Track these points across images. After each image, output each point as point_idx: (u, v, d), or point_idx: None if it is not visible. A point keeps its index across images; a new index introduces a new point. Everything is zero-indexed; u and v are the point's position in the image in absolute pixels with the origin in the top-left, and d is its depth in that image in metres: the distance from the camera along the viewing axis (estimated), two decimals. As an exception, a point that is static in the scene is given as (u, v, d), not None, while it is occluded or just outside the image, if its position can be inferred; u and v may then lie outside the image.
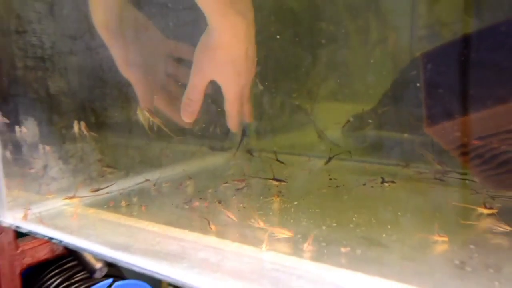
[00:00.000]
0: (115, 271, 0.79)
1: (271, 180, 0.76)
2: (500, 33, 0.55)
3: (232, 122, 0.75)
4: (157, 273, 0.51)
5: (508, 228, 0.56)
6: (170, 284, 1.20)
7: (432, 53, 0.61)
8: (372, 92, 0.89)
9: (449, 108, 0.57)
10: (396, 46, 0.89)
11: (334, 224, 0.60)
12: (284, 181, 0.75)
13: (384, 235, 0.56)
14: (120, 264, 0.55)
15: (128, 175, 0.81)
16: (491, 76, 0.55)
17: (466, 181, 0.70)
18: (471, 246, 0.53)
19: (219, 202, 0.69)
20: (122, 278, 0.79)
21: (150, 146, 0.84)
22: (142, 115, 0.75)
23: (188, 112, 0.73)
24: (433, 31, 0.88)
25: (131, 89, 0.78)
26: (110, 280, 0.76)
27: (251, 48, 0.71)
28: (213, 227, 0.59)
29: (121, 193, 0.75)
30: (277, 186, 0.74)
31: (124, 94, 0.82)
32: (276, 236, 0.56)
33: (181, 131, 0.80)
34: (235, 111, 0.74)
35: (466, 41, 0.58)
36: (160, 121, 0.76)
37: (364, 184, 0.73)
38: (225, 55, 0.70)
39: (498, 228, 0.57)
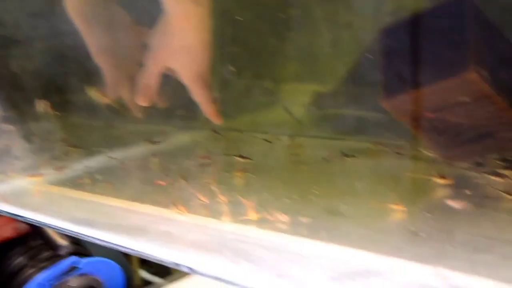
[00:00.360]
0: (80, 249, 0.79)
1: (237, 158, 0.77)
2: (449, 11, 0.57)
3: (207, 109, 0.76)
4: (119, 245, 0.52)
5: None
6: (142, 263, 1.21)
7: (389, 29, 0.62)
8: (336, 73, 0.91)
9: (403, 82, 0.58)
10: (361, 30, 0.90)
11: (295, 197, 0.61)
12: (249, 158, 0.76)
13: (343, 206, 0.58)
14: (83, 238, 0.56)
15: (93, 154, 0.81)
16: (441, 51, 0.56)
17: (424, 153, 0.72)
18: (426, 214, 0.55)
19: (183, 178, 0.69)
20: (88, 256, 0.79)
21: (116, 125, 0.84)
22: (94, 93, 0.75)
23: (144, 96, 0.74)
24: (397, 16, 0.90)
25: (95, 68, 0.78)
26: (75, 258, 0.76)
27: (206, 36, 0.71)
28: (177, 203, 0.60)
29: (85, 171, 0.75)
30: (242, 163, 0.75)
31: (89, 73, 0.82)
32: (237, 209, 0.57)
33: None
34: (203, 97, 0.75)
35: (419, 18, 0.59)
36: (109, 100, 0.76)
37: (325, 159, 0.75)
38: (180, 41, 0.71)
39: (452, 197, 0.59)
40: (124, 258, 0.90)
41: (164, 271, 1.13)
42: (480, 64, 0.55)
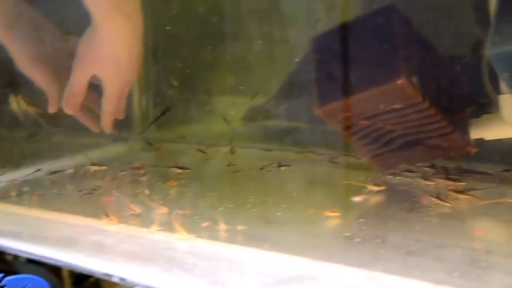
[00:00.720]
0: (6, 266, 0.75)
1: (173, 168, 0.75)
2: (378, 20, 0.58)
3: (106, 119, 0.75)
4: (46, 258, 0.49)
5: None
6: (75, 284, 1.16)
7: (320, 38, 0.63)
8: (271, 86, 0.91)
9: (335, 90, 0.59)
10: (295, 45, 0.91)
11: (231, 205, 0.60)
12: (188, 168, 0.75)
13: (279, 213, 0.57)
14: (8, 251, 0.53)
15: (19, 166, 0.77)
16: (372, 59, 0.58)
17: (357, 161, 0.73)
18: (361, 220, 0.55)
19: (115, 189, 0.67)
20: (14, 273, 0.75)
21: (45, 136, 0.81)
22: (16, 103, 0.73)
23: (71, 104, 0.72)
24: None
25: (20, 80, 0.75)
26: None
27: (135, 51, 0.71)
28: (108, 213, 0.58)
29: (11, 184, 0.71)
30: (178, 174, 0.74)
31: (12, 85, 0.78)
32: (172, 218, 0.56)
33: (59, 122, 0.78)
34: (111, 108, 0.74)
35: (348, 26, 0.60)
36: (36, 110, 0.74)
37: (262, 169, 0.75)
38: (107, 52, 0.70)
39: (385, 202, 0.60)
40: (54, 278, 0.86)
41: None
42: (410, 71, 0.56)
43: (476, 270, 0.43)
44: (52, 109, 0.74)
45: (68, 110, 0.72)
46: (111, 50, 0.70)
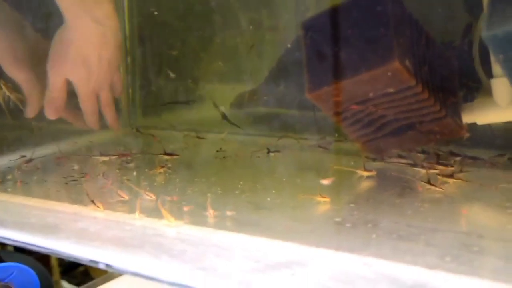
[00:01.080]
0: (-9, 255, 0.74)
1: (161, 155, 0.74)
2: (367, 2, 0.57)
3: (88, 119, 0.76)
4: (31, 244, 0.48)
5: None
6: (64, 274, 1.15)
7: (310, 21, 0.62)
8: (260, 72, 0.90)
9: (327, 74, 0.58)
10: (284, 32, 0.90)
11: (220, 191, 0.59)
12: (176, 155, 0.74)
13: (268, 199, 0.57)
14: (-9, 239, 0.52)
15: (2, 153, 0.76)
16: (362, 42, 0.57)
17: (348, 147, 0.72)
18: (352, 205, 0.54)
19: (102, 175, 0.66)
20: (1, 261, 0.74)
21: (30, 124, 0.80)
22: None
23: (51, 109, 0.73)
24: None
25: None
26: (-15, 264, 0.71)
27: (106, 55, 0.72)
28: (95, 200, 0.56)
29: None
30: (166, 160, 0.73)
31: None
32: (159, 204, 0.54)
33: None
34: (89, 109, 0.75)
35: (340, 9, 0.59)
36: (17, 97, 0.73)
37: (251, 156, 0.74)
38: (76, 53, 0.70)
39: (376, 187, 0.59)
40: (42, 267, 0.85)
41: (88, 281, 1.08)
42: (403, 54, 0.56)
43: (468, 254, 0.43)
44: (30, 114, 0.74)
45: (49, 116, 0.73)
46: (80, 50, 0.70)
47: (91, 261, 0.45)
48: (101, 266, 0.44)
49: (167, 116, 0.96)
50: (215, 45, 0.93)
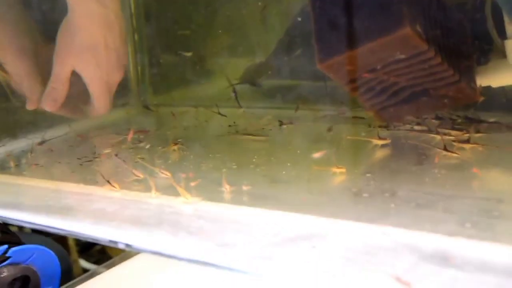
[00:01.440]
0: (9, 237, 0.74)
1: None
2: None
3: (99, 105, 0.74)
4: (49, 227, 0.49)
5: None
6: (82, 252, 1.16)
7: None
8: (268, 45, 0.89)
9: (338, 43, 0.57)
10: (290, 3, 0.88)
11: (234, 166, 0.59)
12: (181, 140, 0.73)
13: (284, 172, 0.56)
14: (11, 222, 0.52)
15: (14, 137, 0.76)
16: (373, 8, 0.55)
17: (362, 116, 0.72)
18: (368, 175, 0.54)
19: (116, 155, 0.66)
20: (19, 244, 0.74)
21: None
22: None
23: (51, 101, 0.71)
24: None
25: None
26: (4, 247, 0.71)
27: (112, 40, 0.70)
28: (110, 180, 0.56)
29: (7, 155, 0.70)
30: (180, 137, 0.72)
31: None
32: (175, 182, 0.54)
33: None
34: (100, 96, 0.73)
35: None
36: (7, 77, 0.72)
37: (263, 128, 0.73)
38: (83, 41, 0.69)
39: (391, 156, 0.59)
40: (60, 247, 0.86)
41: (106, 259, 1.09)
42: (414, 20, 0.54)
43: (489, 219, 0.42)
44: (31, 106, 0.73)
45: (48, 107, 0.71)
46: (87, 38, 0.69)
47: (110, 241, 0.45)
48: (121, 246, 0.44)
49: (178, 92, 0.96)
50: (224, 18, 0.92)
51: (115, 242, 0.45)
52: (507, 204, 0.46)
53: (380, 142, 0.62)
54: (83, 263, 1.17)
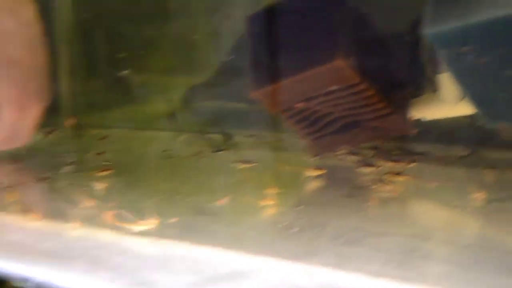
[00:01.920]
0: None
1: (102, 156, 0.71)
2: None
3: (16, 137, 0.67)
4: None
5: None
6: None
7: (255, 16, 0.60)
8: (210, 64, 0.88)
9: (272, 72, 0.56)
10: (239, 23, 0.87)
11: (162, 196, 0.57)
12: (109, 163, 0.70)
13: (213, 203, 0.55)
14: None
15: None
16: (306, 38, 0.55)
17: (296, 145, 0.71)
18: (299, 207, 0.53)
19: (42, 180, 0.63)
20: None
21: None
22: None
23: None
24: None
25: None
26: None
27: (32, 59, 0.66)
28: (29, 209, 0.53)
29: None
30: (107, 162, 0.70)
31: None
32: (98, 212, 0.52)
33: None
34: (16, 125, 0.66)
35: (283, 3, 0.58)
36: None
37: (198, 154, 0.71)
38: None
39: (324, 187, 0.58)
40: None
41: None
42: (347, 51, 0.54)
43: (414, 259, 0.42)
44: None
45: None
46: (4, 60, 0.64)
47: (22, 277, 0.42)
48: (31, 286, 0.42)
49: (113, 114, 0.93)
50: (164, 37, 0.90)
51: (26, 279, 0.42)
52: (434, 242, 0.45)
53: (315, 173, 0.61)
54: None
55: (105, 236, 0.48)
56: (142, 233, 0.48)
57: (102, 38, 0.92)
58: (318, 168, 0.61)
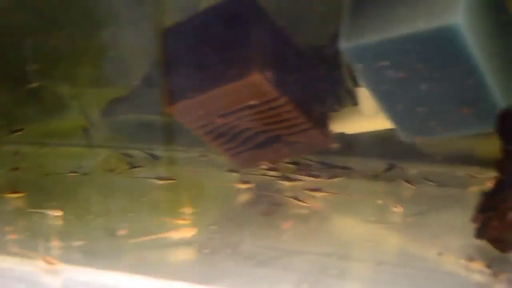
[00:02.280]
0: None
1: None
2: (229, 10, 0.55)
3: None
4: None
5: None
6: None
7: (173, 28, 0.58)
8: (132, 76, 0.85)
9: (187, 86, 0.55)
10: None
11: (71, 217, 0.54)
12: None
13: (124, 224, 0.52)
14: None
15: None
16: (223, 53, 0.54)
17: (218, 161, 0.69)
18: (213, 227, 0.51)
19: None
20: None
21: None
22: None
23: None
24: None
25: None
26: None
27: None
28: None
29: None
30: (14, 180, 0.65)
31: None
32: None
33: None
34: None
35: (201, 16, 0.56)
36: None
37: (113, 170, 0.68)
38: None
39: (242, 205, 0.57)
40: None
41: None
42: (265, 66, 0.53)
43: (327, 279, 0.41)
44: None
45: None
46: None
47: None
48: None
49: (25, 129, 0.88)
50: (83, 48, 0.86)
51: None
52: (350, 261, 0.45)
53: (235, 189, 0.59)
54: None
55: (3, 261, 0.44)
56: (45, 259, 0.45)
57: (10, 50, 0.87)
58: (239, 183, 0.60)
